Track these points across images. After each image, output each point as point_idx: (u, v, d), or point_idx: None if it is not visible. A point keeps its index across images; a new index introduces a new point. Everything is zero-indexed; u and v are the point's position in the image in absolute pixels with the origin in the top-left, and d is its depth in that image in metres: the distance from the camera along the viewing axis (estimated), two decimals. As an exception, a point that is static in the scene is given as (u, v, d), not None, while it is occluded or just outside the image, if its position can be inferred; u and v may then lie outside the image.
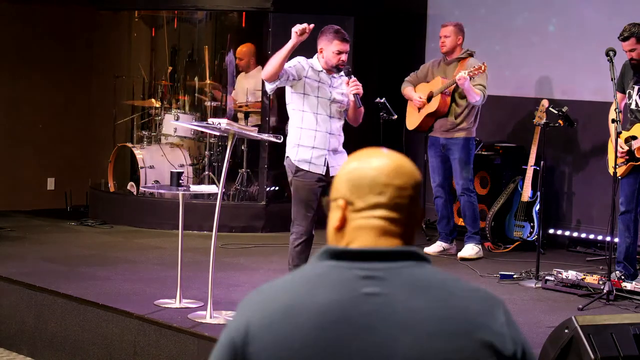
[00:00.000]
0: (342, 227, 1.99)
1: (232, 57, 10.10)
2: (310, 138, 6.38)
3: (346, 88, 6.42)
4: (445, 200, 8.57)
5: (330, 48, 6.39)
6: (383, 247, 1.96)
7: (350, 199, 1.98)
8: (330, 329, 1.88)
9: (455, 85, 8.16)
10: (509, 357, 1.94)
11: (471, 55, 8.36)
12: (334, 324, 1.89)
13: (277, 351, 1.89)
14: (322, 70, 6.43)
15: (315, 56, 6.47)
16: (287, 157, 6.48)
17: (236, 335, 1.93)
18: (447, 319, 1.91)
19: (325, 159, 6.38)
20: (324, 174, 6.36)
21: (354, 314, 1.89)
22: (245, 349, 1.91)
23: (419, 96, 8.46)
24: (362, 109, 6.53)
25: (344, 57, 6.42)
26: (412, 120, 8.63)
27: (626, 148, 7.22)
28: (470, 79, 8.00)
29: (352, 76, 6.45)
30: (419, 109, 8.51)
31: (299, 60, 6.39)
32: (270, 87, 6.38)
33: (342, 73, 6.46)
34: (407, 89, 8.60)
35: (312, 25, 6.30)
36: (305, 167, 6.38)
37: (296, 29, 6.24)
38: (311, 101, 6.39)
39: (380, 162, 1.99)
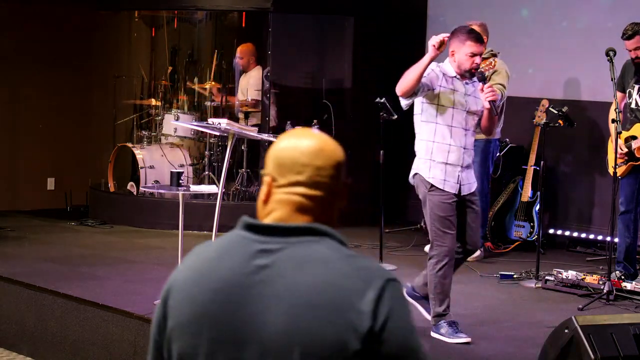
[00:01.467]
0: (267, 200, 2.17)
1: (237, 57, 10.10)
2: (443, 153, 5.87)
3: (481, 95, 5.90)
4: None
5: (463, 50, 5.85)
6: (284, 223, 2.11)
7: (274, 176, 2.15)
8: (227, 295, 2.07)
9: None
10: (365, 334, 1.96)
11: (495, 55, 8.20)
12: (230, 292, 2.07)
13: (185, 308, 2.10)
14: (455, 76, 5.91)
15: (447, 60, 5.96)
16: (416, 173, 5.97)
17: (164, 290, 2.18)
18: (319, 294, 1.99)
19: (459, 176, 5.89)
20: (456, 192, 5.89)
21: (246, 284, 2.06)
22: (166, 303, 2.16)
23: None
24: (496, 117, 6.05)
25: (478, 59, 5.87)
26: None
27: (626, 150, 7.22)
28: (485, 76, 7.86)
29: (487, 81, 5.99)
30: None
31: (432, 68, 5.82)
32: (405, 103, 5.88)
33: (475, 79, 5.95)
34: None
35: (447, 35, 5.81)
36: (439, 185, 5.86)
37: (433, 41, 5.69)
38: (446, 113, 5.87)
39: (303, 143, 2.14)
